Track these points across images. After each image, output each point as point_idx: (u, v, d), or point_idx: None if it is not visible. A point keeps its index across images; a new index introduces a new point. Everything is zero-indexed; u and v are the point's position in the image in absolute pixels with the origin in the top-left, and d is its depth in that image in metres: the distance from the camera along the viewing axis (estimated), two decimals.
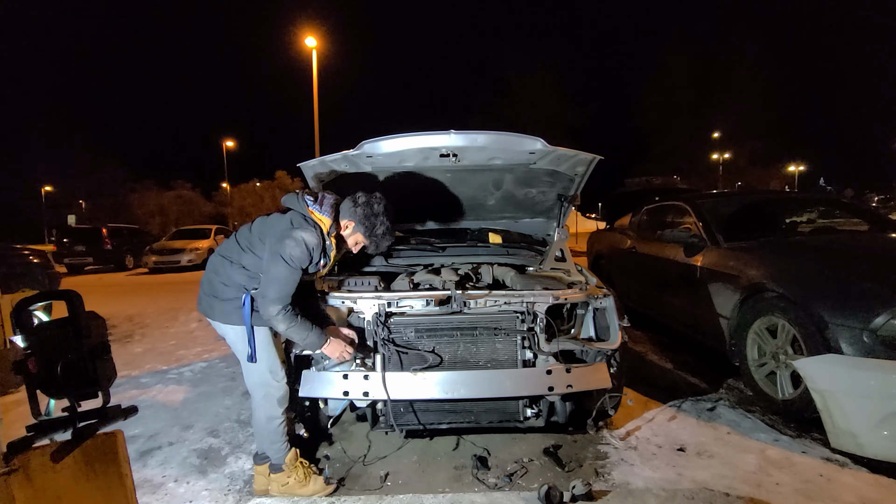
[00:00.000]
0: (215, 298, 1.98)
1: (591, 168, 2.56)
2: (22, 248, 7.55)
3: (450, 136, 2.32)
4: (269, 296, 1.85)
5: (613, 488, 1.98)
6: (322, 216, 1.95)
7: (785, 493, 1.93)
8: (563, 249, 3.04)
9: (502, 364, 2.25)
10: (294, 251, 1.84)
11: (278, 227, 1.92)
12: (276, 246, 1.86)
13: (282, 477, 2.04)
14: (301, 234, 1.86)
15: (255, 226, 2.03)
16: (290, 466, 2.04)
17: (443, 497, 1.95)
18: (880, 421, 2.01)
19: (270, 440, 2.03)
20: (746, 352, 2.83)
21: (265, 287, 1.86)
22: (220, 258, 2.01)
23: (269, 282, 1.86)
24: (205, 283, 2.04)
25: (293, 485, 2.03)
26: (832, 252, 2.88)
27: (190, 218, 24.75)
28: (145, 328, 5.54)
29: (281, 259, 1.84)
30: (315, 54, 15.45)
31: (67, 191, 34.87)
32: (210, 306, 2.00)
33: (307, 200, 1.97)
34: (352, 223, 2.02)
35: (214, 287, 1.99)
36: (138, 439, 2.58)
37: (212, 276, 2.01)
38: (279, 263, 1.84)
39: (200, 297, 2.06)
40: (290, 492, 2.03)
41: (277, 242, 1.86)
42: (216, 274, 1.99)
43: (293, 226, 1.89)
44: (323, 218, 1.96)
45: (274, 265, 1.85)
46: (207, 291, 2.02)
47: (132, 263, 14.85)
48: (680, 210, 4.08)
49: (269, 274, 1.86)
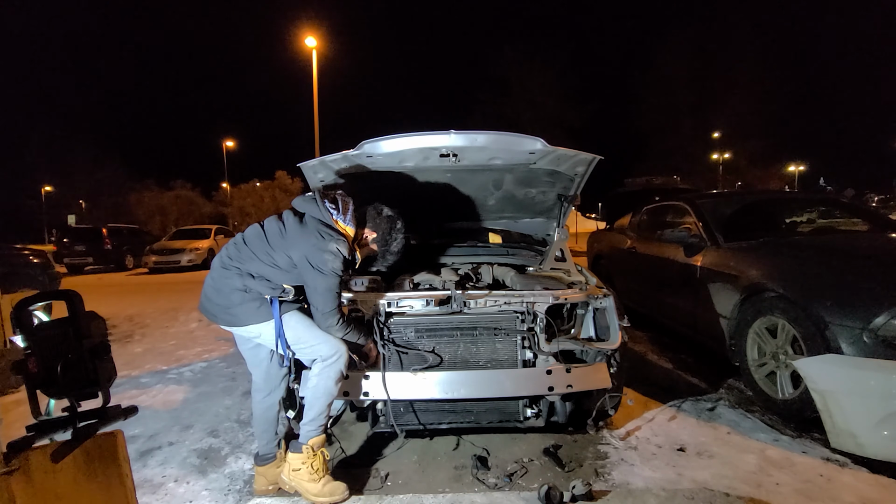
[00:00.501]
0: (238, 306, 1.91)
1: (591, 168, 2.57)
2: (22, 248, 7.53)
3: (450, 136, 2.33)
4: (325, 309, 1.92)
5: (613, 488, 1.98)
6: (347, 227, 1.99)
7: (785, 493, 1.93)
8: (563, 249, 3.04)
9: (502, 364, 2.25)
10: (335, 264, 1.89)
11: (309, 242, 1.89)
12: (316, 261, 1.87)
13: (296, 460, 1.92)
14: (336, 247, 1.90)
15: (273, 238, 1.94)
16: (309, 451, 1.92)
17: (443, 497, 1.95)
18: (880, 421, 2.01)
19: (312, 415, 1.94)
20: (746, 352, 2.83)
21: (317, 302, 1.92)
22: (236, 270, 1.92)
23: (320, 296, 1.90)
24: (215, 294, 1.94)
25: (303, 474, 1.91)
26: (832, 252, 2.88)
27: (190, 218, 24.76)
28: (145, 328, 5.54)
29: (323, 274, 1.88)
30: (315, 54, 15.46)
31: (67, 191, 34.88)
32: (233, 315, 1.92)
33: (330, 210, 1.97)
34: (373, 234, 2.08)
35: (230, 298, 1.91)
36: (138, 439, 2.58)
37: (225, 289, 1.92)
38: (324, 278, 1.88)
39: (215, 312, 1.96)
40: (298, 481, 1.91)
41: (315, 258, 1.87)
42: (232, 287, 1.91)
43: (324, 238, 1.90)
44: (348, 228, 1.99)
45: (319, 280, 1.88)
46: (223, 303, 1.92)
47: (132, 263, 14.86)
48: (680, 210, 4.08)
49: (317, 289, 1.90)
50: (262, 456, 2.08)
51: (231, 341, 4.70)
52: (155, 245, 14.28)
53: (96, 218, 26.51)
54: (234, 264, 1.93)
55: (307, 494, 1.93)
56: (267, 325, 1.94)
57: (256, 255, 1.93)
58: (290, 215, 2.00)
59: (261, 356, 2.08)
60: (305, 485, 1.92)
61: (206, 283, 2.00)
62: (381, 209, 2.09)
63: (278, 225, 1.97)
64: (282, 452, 2.09)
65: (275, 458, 2.09)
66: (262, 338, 1.98)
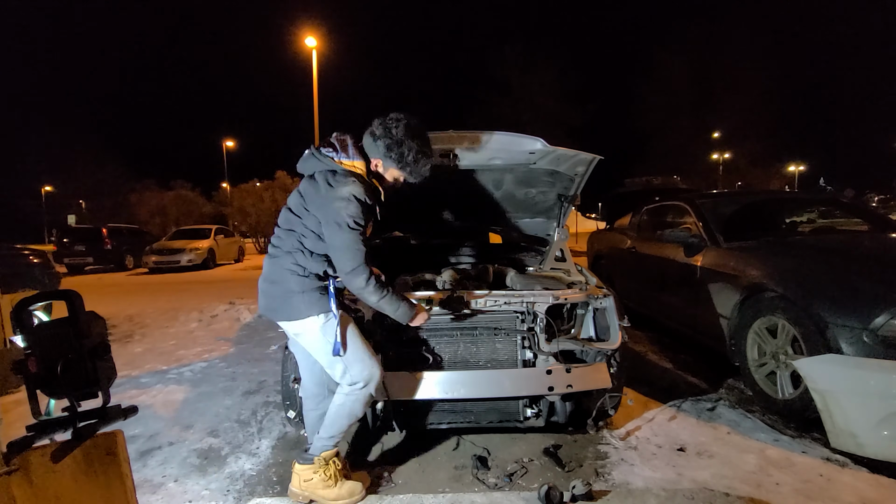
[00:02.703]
0: (293, 293, 1.78)
1: (591, 168, 2.56)
2: (22, 248, 7.55)
3: (450, 136, 2.33)
4: (346, 268, 1.72)
5: (613, 488, 1.98)
6: (354, 162, 1.78)
7: (785, 493, 1.93)
8: (563, 249, 3.04)
9: (502, 364, 2.25)
10: (349, 210, 1.68)
11: (320, 195, 1.73)
12: (328, 214, 1.70)
13: (307, 471, 1.88)
14: (345, 190, 1.69)
15: (297, 209, 1.83)
16: (321, 462, 1.88)
17: (443, 497, 1.95)
18: (880, 421, 2.01)
19: (331, 432, 1.87)
20: (746, 352, 2.83)
21: (338, 261, 1.74)
22: (282, 251, 1.82)
23: (339, 253, 1.72)
24: (271, 286, 1.84)
25: (317, 483, 1.87)
26: (832, 252, 2.88)
27: (190, 218, 24.69)
28: (145, 328, 5.54)
29: (338, 226, 1.68)
30: (315, 54, 15.47)
31: (67, 191, 34.90)
32: (293, 306, 1.80)
33: (328, 154, 1.78)
34: (379, 160, 1.82)
35: (288, 283, 1.79)
36: (138, 439, 2.58)
37: (279, 277, 1.82)
38: (339, 231, 1.69)
39: (271, 304, 1.85)
40: (312, 490, 1.88)
41: (327, 210, 1.70)
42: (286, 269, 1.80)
43: (332, 186, 1.71)
44: (355, 163, 1.78)
45: (336, 235, 1.70)
46: (277, 293, 1.82)
47: (132, 263, 14.85)
48: (680, 210, 4.08)
49: (335, 245, 1.72)
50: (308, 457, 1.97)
51: (231, 341, 4.71)
52: (155, 245, 14.27)
53: (96, 218, 26.48)
54: (277, 248, 1.85)
55: (325, 501, 1.89)
56: (315, 321, 1.80)
57: (293, 229, 1.82)
58: (304, 181, 1.86)
59: (312, 358, 1.95)
60: (320, 492, 1.88)
61: (260, 282, 1.90)
62: (374, 128, 1.80)
63: (297, 196, 1.86)
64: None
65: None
66: (302, 336, 1.86)
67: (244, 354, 4.23)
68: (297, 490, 1.92)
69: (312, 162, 1.82)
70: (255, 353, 4.27)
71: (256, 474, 2.20)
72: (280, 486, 2.11)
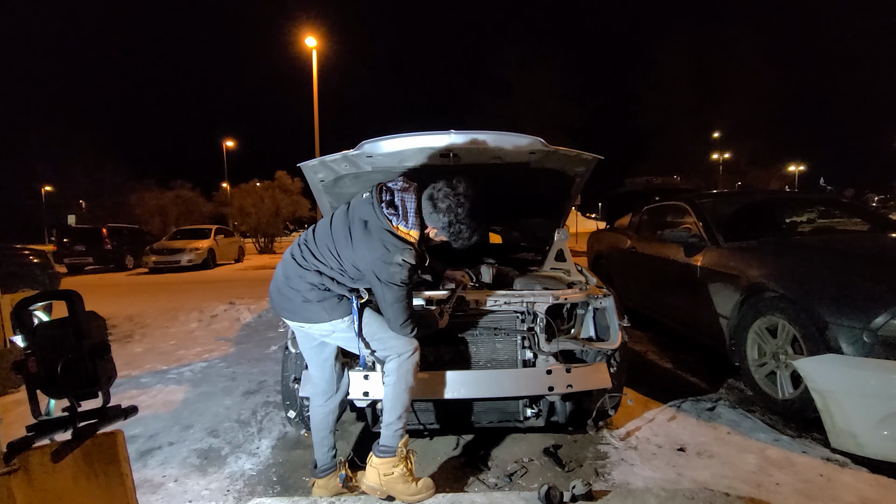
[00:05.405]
0: (317, 303, 1.85)
1: (591, 168, 2.56)
2: (22, 248, 7.54)
3: (450, 136, 2.32)
4: (397, 321, 1.83)
5: (613, 488, 1.98)
6: (411, 231, 1.83)
7: (785, 493, 1.93)
8: (563, 249, 3.04)
9: (502, 364, 2.25)
10: (403, 275, 1.78)
11: (374, 255, 1.78)
12: (383, 275, 1.77)
13: (387, 465, 1.85)
14: (402, 258, 1.77)
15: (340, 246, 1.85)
16: (401, 453, 1.87)
17: (443, 497, 1.95)
18: (880, 421, 2.01)
19: (398, 411, 1.87)
20: (746, 352, 2.83)
21: (389, 314, 1.83)
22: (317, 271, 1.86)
23: (390, 308, 1.81)
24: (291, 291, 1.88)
25: (397, 478, 1.84)
26: (832, 252, 2.88)
27: (190, 218, 24.67)
28: (145, 328, 5.54)
29: (394, 286, 1.78)
30: (315, 54, 15.47)
31: (67, 191, 34.86)
32: (312, 311, 1.86)
33: (389, 216, 1.81)
34: (435, 230, 1.89)
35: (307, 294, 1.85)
36: (138, 439, 2.58)
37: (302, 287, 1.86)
38: (394, 290, 1.78)
39: (293, 308, 1.89)
40: (391, 485, 1.85)
41: (382, 272, 1.77)
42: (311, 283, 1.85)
43: (390, 251, 1.77)
44: (412, 233, 1.83)
45: (388, 292, 1.79)
46: (298, 299, 1.87)
47: (132, 263, 14.87)
48: (680, 210, 4.08)
49: (387, 300, 1.80)
50: (322, 468, 2.00)
51: (231, 341, 4.71)
52: (155, 245, 14.27)
53: (96, 218, 26.45)
54: (308, 262, 1.88)
55: (403, 496, 1.86)
56: (342, 323, 1.88)
57: (325, 259, 1.86)
58: (357, 221, 1.86)
59: (324, 355, 2.01)
60: (400, 487, 1.85)
61: (278, 279, 1.93)
62: (437, 202, 1.83)
63: (345, 232, 1.86)
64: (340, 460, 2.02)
65: (335, 468, 2.01)
66: (333, 336, 1.92)
67: (244, 354, 4.24)
68: (374, 485, 1.88)
69: (369, 210, 1.83)
70: (255, 353, 4.27)
71: (256, 474, 2.21)
72: (280, 485, 2.11)
